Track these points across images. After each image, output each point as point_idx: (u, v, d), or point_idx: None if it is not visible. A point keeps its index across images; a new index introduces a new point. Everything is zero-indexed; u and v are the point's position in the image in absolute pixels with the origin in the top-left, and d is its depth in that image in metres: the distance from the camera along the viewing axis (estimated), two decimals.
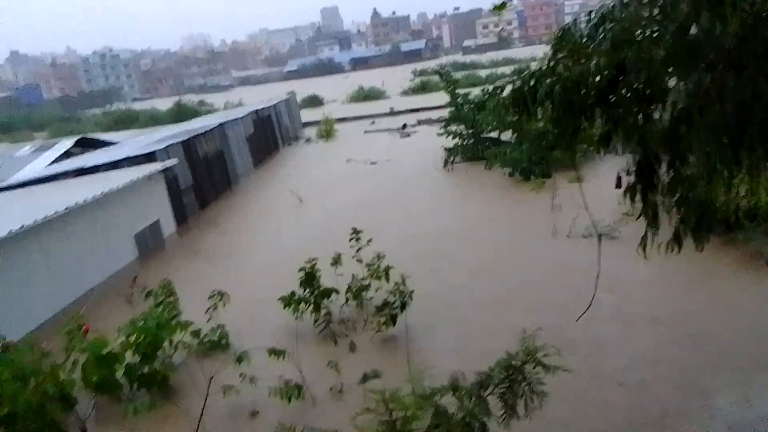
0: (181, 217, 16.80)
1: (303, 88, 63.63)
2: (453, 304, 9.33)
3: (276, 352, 6.89)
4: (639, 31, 4.11)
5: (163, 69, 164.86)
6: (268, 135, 28.77)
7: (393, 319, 8.23)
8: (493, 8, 3.15)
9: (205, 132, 20.37)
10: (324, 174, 21.66)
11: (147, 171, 14.86)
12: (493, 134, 19.27)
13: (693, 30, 3.30)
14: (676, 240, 4.02)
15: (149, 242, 14.63)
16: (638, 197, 4.56)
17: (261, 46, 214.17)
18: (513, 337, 5.66)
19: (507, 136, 18.52)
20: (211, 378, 6.49)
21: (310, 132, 33.23)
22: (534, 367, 4.38)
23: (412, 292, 8.29)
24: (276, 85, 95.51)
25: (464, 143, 19.65)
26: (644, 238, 4.29)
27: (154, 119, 51.45)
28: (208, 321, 8.36)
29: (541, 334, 6.87)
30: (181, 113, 48.88)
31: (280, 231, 15.13)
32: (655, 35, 3.84)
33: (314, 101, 51.18)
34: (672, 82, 4.10)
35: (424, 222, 13.95)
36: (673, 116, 4.11)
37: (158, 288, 8.78)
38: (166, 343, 7.93)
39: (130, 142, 24.80)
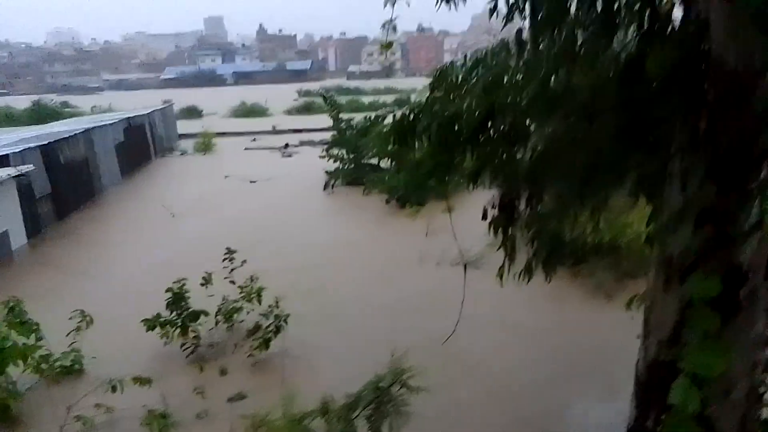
0: (34, 227, 15.30)
1: (181, 97, 60.93)
2: (327, 327, 9.38)
3: (140, 380, 6.47)
4: (507, 78, 4.56)
5: (22, 63, 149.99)
6: (140, 144, 27.21)
7: (266, 343, 8.10)
8: (381, 47, 3.33)
9: (68, 137, 18.82)
10: (200, 189, 20.86)
11: None
12: (374, 160, 19.80)
13: (552, 82, 3.73)
14: (528, 271, 4.44)
15: None
16: (500, 230, 5.01)
17: (137, 50, 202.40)
18: (384, 359, 5.87)
19: (387, 163, 19.13)
20: (69, 408, 5.96)
21: (187, 144, 31.91)
22: (399, 389, 4.57)
23: (288, 315, 8.23)
24: (151, 92, 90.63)
25: (345, 167, 19.97)
26: (502, 267, 4.69)
27: (9, 118, 46.42)
28: (71, 344, 7.68)
29: (411, 355, 7.16)
30: (40, 114, 44.63)
31: (148, 247, 14.31)
32: (520, 83, 4.28)
33: (193, 112, 49.20)
34: (534, 127, 4.58)
35: (301, 244, 13.91)
36: (533, 158, 4.58)
37: (2, 306, 7.92)
38: (11, 368, 7.16)
39: None
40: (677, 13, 3.60)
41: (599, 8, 2.97)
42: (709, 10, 3.10)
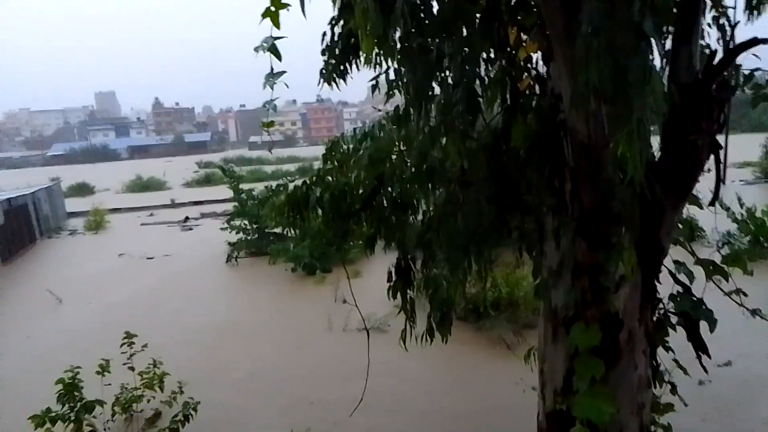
0: None
1: (71, 173, 57.91)
2: (233, 407, 8.92)
3: None
4: (393, 149, 4.79)
5: None
6: (23, 226, 25.28)
7: None
8: (262, 124, 3.41)
9: None
10: (90, 270, 19.55)
11: None
12: (278, 229, 19.63)
13: (430, 154, 3.98)
14: (429, 333, 4.55)
15: None
16: (399, 294, 5.11)
17: (20, 126, 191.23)
18: None
19: (290, 232, 18.99)
20: None
21: (78, 223, 30.08)
22: None
23: (198, 403, 7.77)
24: (37, 170, 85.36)
25: (248, 238, 19.61)
26: (404, 331, 4.77)
27: None
28: None
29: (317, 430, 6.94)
30: None
31: (33, 337, 13.07)
32: (404, 155, 4.52)
33: (84, 189, 46.76)
34: (420, 195, 4.81)
35: (204, 321, 13.31)
36: (423, 223, 4.79)
37: None
38: None
39: None
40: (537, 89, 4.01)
41: (462, 87, 3.25)
42: (560, 86, 3.49)
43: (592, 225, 3.85)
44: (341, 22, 4.09)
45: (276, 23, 3.06)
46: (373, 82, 4.62)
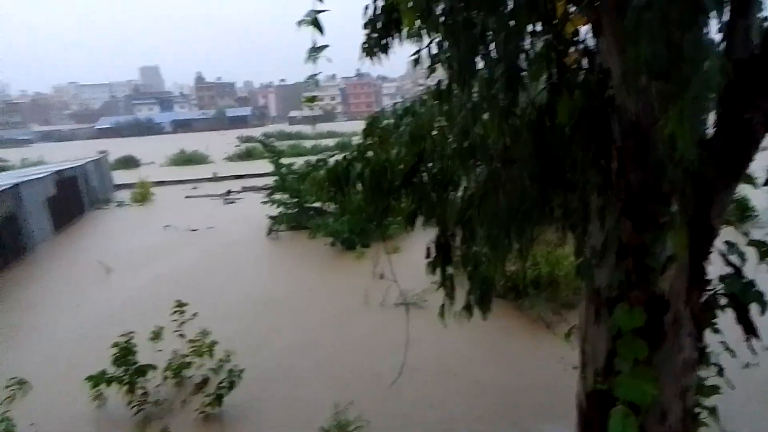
0: None
1: (117, 147, 59.65)
2: (275, 378, 9.16)
3: None
4: (434, 126, 4.74)
5: None
6: (73, 197, 26.26)
7: (219, 399, 7.83)
8: (304, 100, 3.42)
9: None
10: (137, 242, 20.22)
11: None
12: (317, 204, 19.82)
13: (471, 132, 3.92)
14: (467, 310, 4.55)
15: None
16: (438, 270, 5.11)
17: (68, 100, 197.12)
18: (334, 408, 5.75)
19: (330, 206, 19.17)
20: None
21: (124, 195, 31.04)
22: None
23: (242, 371, 8.03)
24: (85, 143, 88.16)
25: (288, 212, 19.87)
26: (442, 307, 4.79)
27: None
28: (3, 413, 7.17)
29: (360, 401, 7.09)
30: None
31: (84, 305, 13.67)
32: (445, 132, 4.47)
33: (130, 162, 48.08)
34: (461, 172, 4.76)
35: (245, 292, 13.65)
36: (463, 200, 4.75)
37: None
38: None
39: None
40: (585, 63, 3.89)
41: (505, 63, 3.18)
42: (609, 62, 3.37)
43: (639, 205, 3.75)
44: None
45: None
46: (415, 56, 4.57)
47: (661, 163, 3.41)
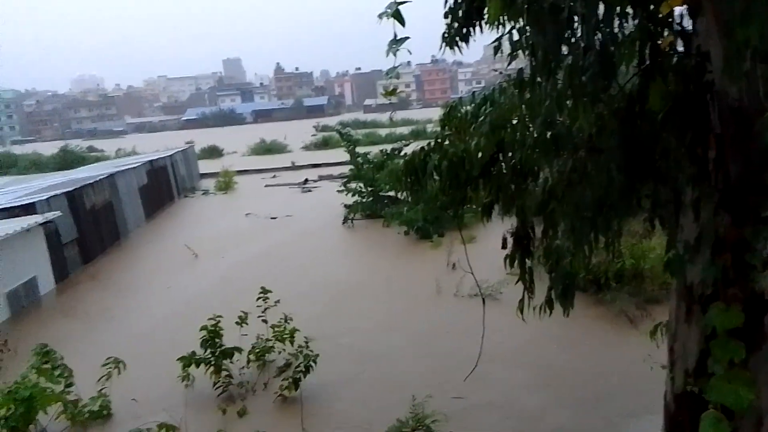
0: (61, 272, 15.63)
1: (202, 137, 62.36)
2: (352, 363, 9.35)
3: (167, 427, 6.47)
4: (515, 115, 4.61)
5: (48, 111, 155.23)
6: (163, 186, 27.80)
7: (296, 383, 8.09)
8: (385, 93, 3.42)
9: (93, 182, 19.33)
10: (221, 228, 21.16)
11: (25, 224, 13.79)
12: (392, 193, 19.92)
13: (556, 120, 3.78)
14: (548, 304, 4.42)
15: (23, 301, 13.45)
16: (517, 263, 4.99)
17: (159, 93, 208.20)
18: (408, 399, 5.76)
19: (404, 195, 19.16)
20: None
21: (209, 183, 32.51)
22: None
23: (317, 356, 8.26)
24: (173, 134, 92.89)
25: (364, 201, 20.11)
26: (521, 301, 4.68)
27: (36, 165, 47.87)
28: (100, 390, 7.78)
29: (435, 393, 7.09)
30: (66, 159, 45.96)
31: (173, 288, 14.49)
32: (526, 121, 4.33)
33: (213, 152, 50.22)
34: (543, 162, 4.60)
35: (322, 280, 13.97)
36: (544, 191, 4.60)
37: (33, 353, 8.08)
38: (40, 414, 7.26)
39: (7, 191, 22.94)
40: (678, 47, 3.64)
41: (598, 49, 3.02)
42: (709, 45, 3.14)
43: (739, 197, 3.50)
44: None
45: None
46: (495, 43, 4.45)
47: (764, 152, 3.15)
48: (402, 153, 19.16)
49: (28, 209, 15.17)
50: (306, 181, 31.02)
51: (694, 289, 4.14)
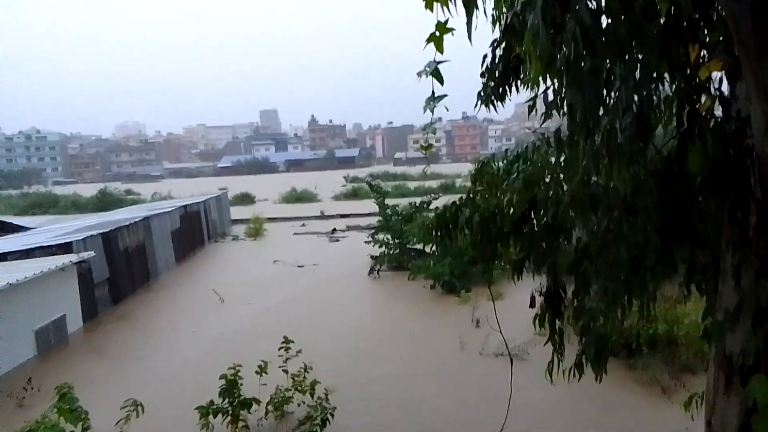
0: (90, 312, 15.84)
1: (236, 184, 63.70)
2: (372, 419, 9.12)
3: None
4: (548, 173, 4.61)
5: (91, 154, 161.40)
6: (195, 230, 28.30)
7: None
8: (421, 147, 3.47)
9: (128, 224, 19.81)
10: (249, 274, 21.30)
11: (60, 263, 14.12)
12: (419, 245, 19.88)
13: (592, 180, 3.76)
14: (578, 368, 4.28)
15: (51, 339, 13.61)
16: (546, 323, 4.87)
17: (197, 140, 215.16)
18: None
19: (431, 248, 19.13)
20: None
21: (239, 229, 32.98)
22: None
23: (335, 408, 8.09)
24: (208, 179, 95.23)
25: (391, 252, 20.08)
26: (551, 363, 4.53)
27: (76, 205, 49.48)
28: None
29: None
30: (104, 201, 47.40)
31: (198, 332, 14.51)
32: (561, 179, 4.32)
33: (246, 198, 51.21)
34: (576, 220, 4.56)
35: (346, 331, 13.84)
36: (577, 250, 4.53)
37: (56, 392, 8.09)
38: None
39: (47, 229, 23.64)
40: (717, 111, 3.63)
41: (635, 111, 3.02)
42: (749, 109, 3.12)
43: None
44: (503, 45, 4.05)
45: (440, 48, 3.11)
46: (530, 102, 4.51)
47: None
48: (431, 206, 19.23)
49: (65, 248, 15.55)
50: (334, 230, 31.22)
51: (734, 359, 3.95)
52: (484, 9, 3.28)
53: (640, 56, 2.96)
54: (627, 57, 2.93)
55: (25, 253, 15.41)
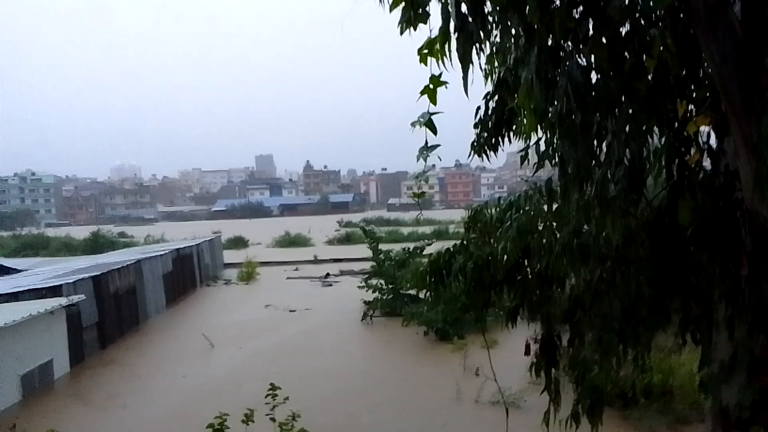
0: (78, 356, 15.52)
1: (229, 227, 63.65)
2: None
3: None
4: (540, 222, 4.66)
5: (86, 196, 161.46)
6: (187, 274, 28.07)
7: None
8: (414, 195, 3.52)
9: (119, 268, 19.64)
10: (240, 319, 21.03)
11: (49, 306, 13.91)
12: (412, 291, 19.77)
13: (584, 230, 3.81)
14: (575, 418, 4.22)
15: (36, 383, 13.29)
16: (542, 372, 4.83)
17: (192, 184, 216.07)
18: None
19: (425, 294, 19.01)
20: None
21: (232, 273, 32.71)
22: None
23: None
24: (202, 223, 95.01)
25: (384, 298, 19.94)
26: (547, 413, 4.47)
27: (68, 247, 49.06)
28: None
29: None
30: (97, 243, 47.01)
31: (186, 377, 14.21)
32: (554, 228, 4.37)
33: (239, 242, 51.01)
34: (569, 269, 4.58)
35: (337, 377, 13.60)
36: (571, 299, 4.54)
37: None
38: None
39: (37, 272, 23.40)
40: (706, 163, 3.72)
41: (627, 164, 3.10)
42: (738, 164, 3.20)
43: None
44: (495, 98, 4.17)
45: (433, 100, 3.20)
46: (522, 153, 4.61)
47: None
48: (424, 252, 19.22)
49: (55, 291, 15.37)
50: (327, 275, 31.04)
51: (730, 412, 3.92)
52: (479, 63, 3.39)
53: (630, 111, 3.05)
54: (618, 112, 3.03)
55: (14, 296, 15.20)
